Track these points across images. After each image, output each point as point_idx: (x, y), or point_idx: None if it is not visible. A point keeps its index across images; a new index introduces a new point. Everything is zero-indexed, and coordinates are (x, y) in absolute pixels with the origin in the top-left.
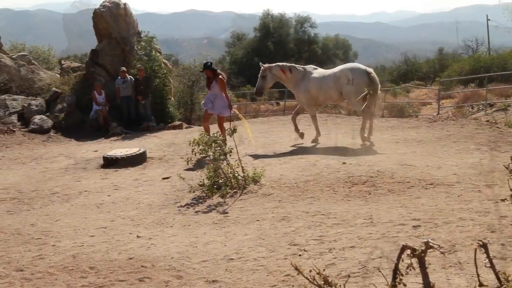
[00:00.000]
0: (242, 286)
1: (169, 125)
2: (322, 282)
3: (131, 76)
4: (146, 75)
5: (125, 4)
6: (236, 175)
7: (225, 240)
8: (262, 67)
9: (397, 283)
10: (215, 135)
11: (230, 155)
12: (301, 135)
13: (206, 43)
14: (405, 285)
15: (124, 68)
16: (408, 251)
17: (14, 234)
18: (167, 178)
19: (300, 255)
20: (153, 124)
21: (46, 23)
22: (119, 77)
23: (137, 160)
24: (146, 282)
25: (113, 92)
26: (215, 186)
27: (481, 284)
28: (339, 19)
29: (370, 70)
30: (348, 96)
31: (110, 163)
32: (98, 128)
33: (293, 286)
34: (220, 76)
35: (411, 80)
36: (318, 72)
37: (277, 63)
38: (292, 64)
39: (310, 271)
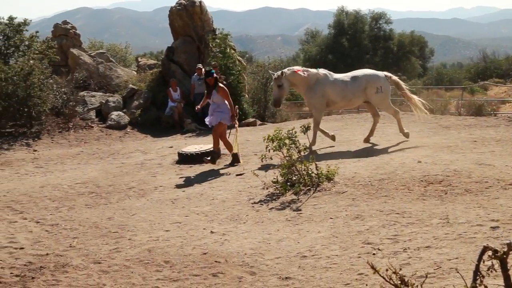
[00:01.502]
0: (315, 284)
1: (243, 122)
2: (399, 282)
3: None
4: (221, 72)
5: (200, 2)
6: (310, 172)
7: (298, 237)
8: (275, 76)
9: (477, 285)
10: (290, 132)
11: (304, 152)
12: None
13: (280, 40)
14: (486, 287)
15: (201, 65)
16: (489, 253)
17: (92, 227)
18: (241, 174)
19: (374, 254)
20: None
21: (123, 21)
22: (195, 74)
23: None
24: (220, 277)
25: (188, 89)
26: (288, 183)
27: None
28: (415, 16)
29: (389, 74)
30: (379, 103)
31: (185, 159)
32: (173, 124)
33: (366, 285)
34: (220, 85)
35: (489, 78)
36: (334, 77)
37: (289, 68)
38: (304, 68)
39: (387, 270)
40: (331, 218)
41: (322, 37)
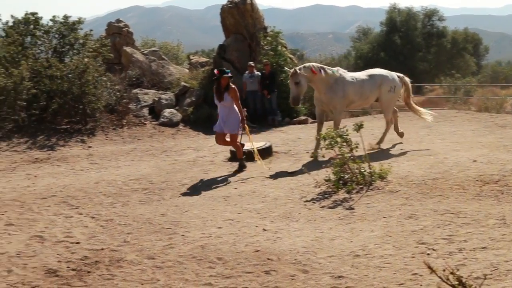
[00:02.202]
0: (368, 283)
1: (295, 119)
2: (456, 283)
3: (258, 72)
4: (272, 70)
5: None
6: (363, 171)
7: (351, 236)
8: (291, 73)
9: None
10: (343, 130)
11: (357, 151)
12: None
13: (331, 38)
14: None
15: (252, 63)
16: None
17: (145, 223)
18: (293, 172)
19: (428, 254)
20: (278, 118)
21: (175, 19)
22: (246, 72)
23: (263, 154)
24: (272, 274)
25: (240, 87)
26: (341, 182)
27: None
28: (469, 12)
29: (401, 75)
30: (387, 103)
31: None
32: None
33: (421, 285)
34: (232, 86)
35: None
36: (351, 76)
37: (305, 64)
38: (322, 65)
39: (444, 270)
40: (384, 217)
41: (374, 35)
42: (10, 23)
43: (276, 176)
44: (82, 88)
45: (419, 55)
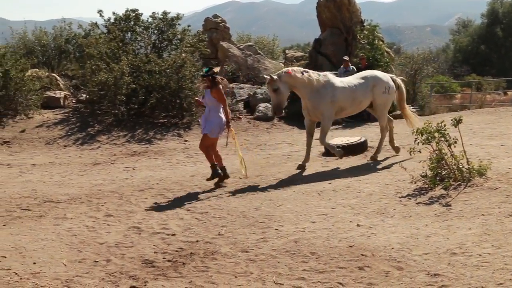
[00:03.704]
0: (465, 282)
1: (390, 114)
2: None
3: (353, 66)
4: (368, 64)
5: None
6: (461, 167)
7: (447, 233)
8: (267, 80)
9: None
10: (440, 125)
11: (455, 146)
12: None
13: (429, 31)
14: None
15: (347, 58)
16: None
17: (240, 217)
18: (388, 167)
19: None
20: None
21: (271, 14)
22: (341, 67)
23: (358, 149)
24: (366, 270)
25: None
26: (437, 178)
27: None
28: None
29: (394, 76)
30: (381, 106)
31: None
32: None
33: None
34: (218, 86)
35: None
36: (341, 80)
37: (285, 69)
38: (305, 69)
39: None
40: (482, 214)
41: (474, 27)
42: (112, 20)
43: (371, 171)
44: (179, 83)
45: None
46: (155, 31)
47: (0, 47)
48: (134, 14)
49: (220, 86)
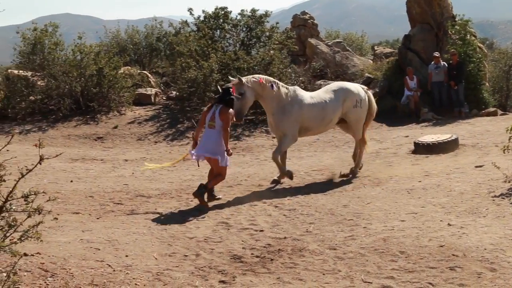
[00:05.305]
0: None
1: (483, 111)
2: None
3: (444, 62)
4: (460, 60)
5: None
6: None
7: None
8: (232, 83)
9: None
10: None
11: None
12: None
13: None
14: None
15: (438, 54)
16: None
17: (327, 214)
18: (480, 166)
19: None
20: (465, 110)
21: (359, 10)
22: (432, 63)
23: (449, 146)
24: (457, 271)
25: (425, 78)
26: None
27: None
28: None
29: (365, 87)
30: (356, 121)
31: (421, 149)
32: (409, 113)
33: None
34: (228, 108)
35: None
36: (311, 96)
37: (255, 75)
38: (275, 81)
39: None
40: None
41: None
42: (202, 18)
43: (462, 169)
44: None
45: None
46: (244, 29)
47: (95, 45)
48: (223, 12)
49: (231, 111)
